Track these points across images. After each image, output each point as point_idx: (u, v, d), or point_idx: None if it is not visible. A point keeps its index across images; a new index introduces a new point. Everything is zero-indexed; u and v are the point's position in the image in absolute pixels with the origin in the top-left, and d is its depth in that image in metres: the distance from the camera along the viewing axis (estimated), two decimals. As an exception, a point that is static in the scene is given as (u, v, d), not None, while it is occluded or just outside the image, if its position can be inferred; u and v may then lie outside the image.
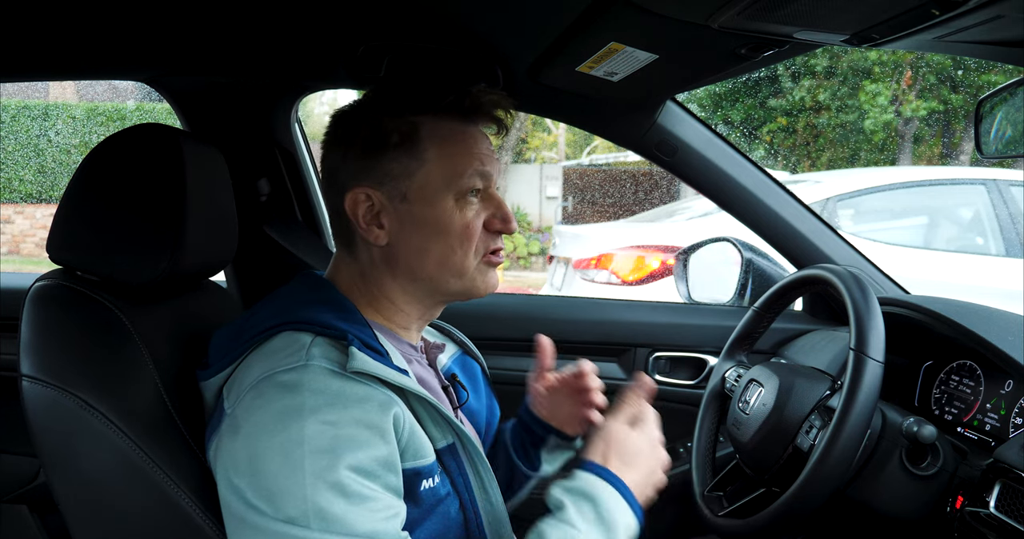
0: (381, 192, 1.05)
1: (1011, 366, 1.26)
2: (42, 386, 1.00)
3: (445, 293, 1.09)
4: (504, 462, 1.33)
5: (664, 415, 1.90)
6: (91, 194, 1.11)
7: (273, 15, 1.39)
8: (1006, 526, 1.10)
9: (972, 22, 1.03)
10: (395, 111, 1.05)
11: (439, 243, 1.05)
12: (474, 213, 1.06)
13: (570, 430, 1.31)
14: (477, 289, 1.09)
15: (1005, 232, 4.46)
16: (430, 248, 1.05)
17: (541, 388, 1.31)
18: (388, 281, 1.08)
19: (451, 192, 1.05)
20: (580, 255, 4.55)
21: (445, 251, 1.05)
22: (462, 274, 1.07)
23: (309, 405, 0.91)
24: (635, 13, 1.16)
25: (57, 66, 1.69)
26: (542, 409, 1.32)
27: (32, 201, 10.41)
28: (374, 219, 1.05)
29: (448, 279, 1.07)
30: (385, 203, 1.05)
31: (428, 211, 1.04)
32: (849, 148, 11.98)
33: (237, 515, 0.92)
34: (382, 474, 0.93)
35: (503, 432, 1.36)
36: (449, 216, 1.04)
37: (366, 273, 1.09)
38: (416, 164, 1.04)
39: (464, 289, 1.08)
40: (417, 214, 1.04)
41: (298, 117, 1.99)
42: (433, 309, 1.13)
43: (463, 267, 1.06)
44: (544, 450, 1.33)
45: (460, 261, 1.06)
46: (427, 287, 1.08)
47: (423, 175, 1.04)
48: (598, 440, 1.07)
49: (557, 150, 17.24)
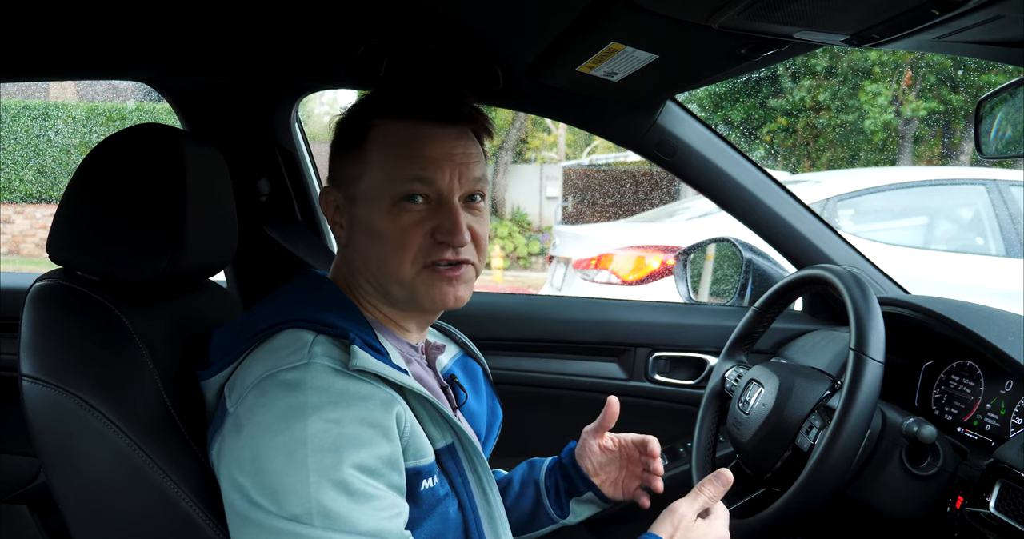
0: (340, 193, 1.08)
1: (1011, 366, 1.26)
2: (42, 386, 1.00)
3: (396, 299, 1.07)
4: (532, 499, 1.32)
5: (664, 415, 1.92)
6: (91, 194, 1.11)
7: (273, 15, 1.39)
8: (1006, 526, 1.10)
9: (972, 22, 1.03)
10: (353, 113, 1.08)
11: (375, 248, 1.04)
12: (414, 220, 1.02)
13: (610, 492, 1.30)
14: (421, 300, 1.05)
15: (1005, 232, 4.46)
16: (370, 252, 1.05)
17: (595, 445, 1.29)
18: (361, 282, 1.09)
19: (387, 196, 1.02)
20: (580, 255, 4.55)
21: (381, 257, 1.03)
22: (401, 282, 1.04)
23: (312, 403, 0.91)
24: (635, 13, 1.16)
25: (57, 66, 1.69)
26: (589, 464, 1.30)
27: (32, 201, 10.41)
28: (338, 219, 1.09)
29: (390, 286, 1.05)
30: (342, 203, 1.08)
31: (367, 214, 1.04)
32: (849, 148, 11.98)
33: (241, 513, 0.92)
34: (386, 472, 0.93)
35: (536, 468, 1.34)
36: (383, 220, 1.02)
37: (347, 273, 1.10)
38: (361, 167, 1.05)
39: (407, 297, 1.05)
40: (359, 217, 1.05)
41: (298, 117, 1.99)
42: (410, 312, 1.10)
43: (400, 274, 1.03)
44: (574, 501, 1.32)
45: (396, 268, 1.03)
46: (381, 291, 1.07)
47: (367, 178, 1.04)
48: (667, 519, 1.06)
49: (557, 150, 17.24)
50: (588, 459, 1.30)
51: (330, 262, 1.15)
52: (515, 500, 1.32)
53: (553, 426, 1.68)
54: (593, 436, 1.30)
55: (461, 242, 1.02)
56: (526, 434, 1.65)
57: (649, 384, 1.94)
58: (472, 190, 1.06)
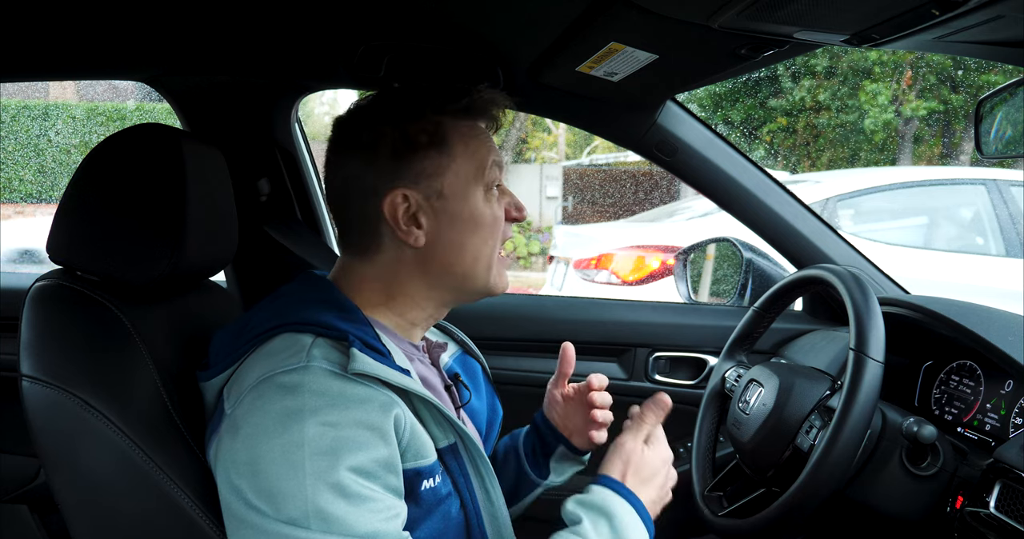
0: (417, 191, 1.05)
1: (1011, 366, 1.26)
2: (42, 386, 1.00)
3: (470, 290, 1.10)
4: (514, 467, 1.33)
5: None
6: (91, 194, 1.10)
7: (273, 15, 1.39)
8: (1006, 526, 1.10)
9: (972, 22, 1.03)
10: (418, 113, 1.07)
11: (475, 236, 1.07)
12: (498, 204, 1.10)
13: (578, 442, 1.31)
14: (499, 285, 1.12)
15: (1005, 232, 4.46)
16: (466, 243, 1.07)
17: (558, 395, 1.31)
18: (416, 280, 1.08)
19: (480, 185, 1.08)
20: (580, 255, 4.55)
21: (479, 244, 1.07)
22: (490, 267, 1.09)
23: (310, 406, 0.91)
24: (635, 13, 1.16)
25: (57, 66, 1.69)
26: (556, 416, 1.32)
27: (32, 201, 10.40)
28: (412, 220, 1.05)
29: (479, 273, 1.09)
30: (422, 202, 1.05)
31: (463, 205, 1.06)
32: (849, 148, 11.97)
33: (237, 516, 0.92)
34: (382, 475, 0.93)
35: (516, 437, 1.36)
36: (482, 209, 1.07)
37: (387, 275, 1.08)
38: (447, 160, 1.06)
39: (487, 284, 1.10)
40: (452, 210, 1.06)
41: (298, 117, 1.99)
42: (445, 308, 1.14)
43: (491, 259, 1.09)
44: (553, 459, 1.33)
45: (490, 253, 1.09)
46: (455, 284, 1.09)
47: (454, 171, 1.06)
48: (615, 456, 1.08)
49: (557, 150, 17.24)
50: (554, 410, 1.32)
51: (330, 262, 1.15)
52: (499, 470, 1.32)
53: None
54: (555, 386, 1.32)
55: (526, 216, 1.14)
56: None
57: (649, 384, 1.94)
58: None
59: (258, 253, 1.88)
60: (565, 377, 1.31)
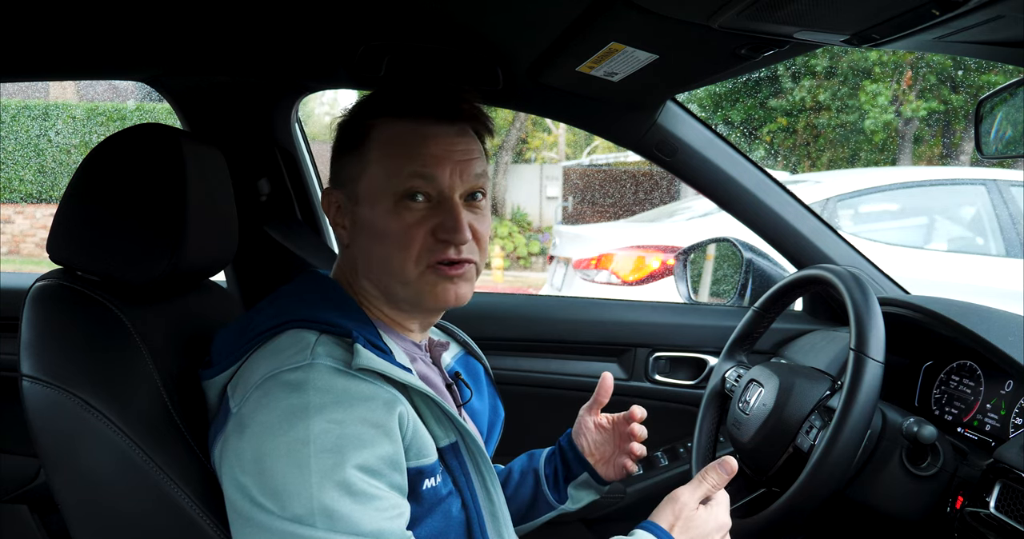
0: (343, 193, 1.08)
1: (1011, 366, 1.26)
2: (42, 386, 1.00)
3: (398, 299, 1.07)
4: (531, 488, 1.32)
5: (664, 415, 1.92)
6: (91, 194, 1.11)
7: (273, 15, 1.39)
8: (1006, 526, 1.10)
9: (972, 22, 1.03)
10: (352, 114, 1.08)
11: (379, 247, 1.03)
12: (416, 219, 1.02)
13: (603, 471, 1.30)
14: (425, 300, 1.04)
15: (1005, 232, 4.46)
16: (373, 252, 1.04)
17: (591, 422, 1.30)
18: (363, 281, 1.09)
19: (389, 194, 1.02)
20: (580, 255, 4.55)
21: (384, 256, 1.03)
22: (405, 281, 1.03)
23: (315, 404, 0.91)
24: (635, 13, 1.16)
25: (57, 66, 1.69)
26: (585, 443, 1.30)
27: (32, 201, 10.41)
28: (340, 220, 1.08)
29: (394, 285, 1.05)
30: (344, 204, 1.08)
31: (369, 213, 1.04)
32: (849, 148, 11.97)
33: (243, 514, 0.92)
34: (388, 473, 0.93)
35: (535, 457, 1.35)
36: (385, 220, 1.02)
37: (349, 273, 1.10)
38: (362, 166, 1.05)
39: (411, 297, 1.05)
40: (361, 216, 1.05)
41: (298, 117, 1.99)
42: (412, 312, 1.10)
43: (403, 274, 1.03)
44: (572, 486, 1.32)
45: (399, 267, 1.02)
46: (384, 292, 1.07)
47: (368, 177, 1.04)
48: (668, 507, 1.06)
49: (557, 150, 17.24)
50: (584, 437, 1.31)
51: (331, 262, 1.15)
52: (515, 490, 1.32)
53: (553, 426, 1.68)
54: (588, 413, 1.31)
55: (462, 240, 1.02)
56: (526, 434, 1.65)
57: (649, 384, 1.94)
58: (473, 187, 1.05)
59: (258, 253, 1.88)
60: (600, 405, 1.30)
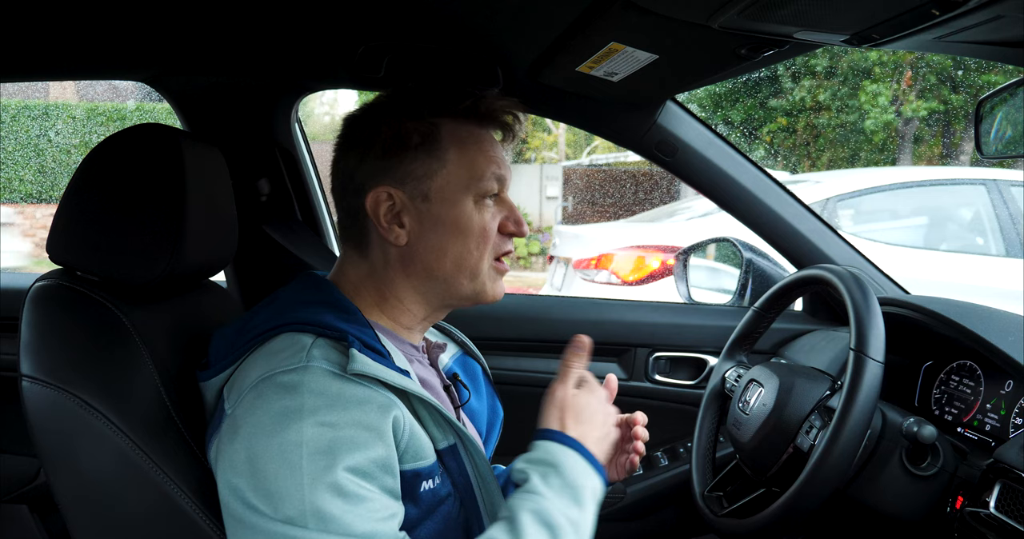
0: (403, 191, 1.06)
1: (1011, 366, 1.26)
2: (42, 386, 1.00)
3: (456, 296, 1.10)
4: None
5: (664, 415, 1.92)
6: (91, 194, 1.11)
7: (273, 15, 1.39)
8: (1006, 526, 1.10)
9: (972, 22, 1.03)
10: (415, 113, 1.07)
11: (457, 243, 1.07)
12: (491, 215, 1.09)
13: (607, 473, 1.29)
14: (486, 294, 1.10)
15: (1005, 232, 4.46)
16: (448, 248, 1.07)
17: None
18: (401, 281, 1.09)
19: (471, 194, 1.07)
20: (580, 255, 4.55)
21: (462, 251, 1.07)
22: (475, 276, 1.08)
23: (308, 406, 0.91)
24: (635, 13, 1.16)
25: (57, 66, 1.69)
26: None
27: (32, 201, 10.40)
28: (394, 218, 1.07)
29: (462, 280, 1.08)
30: (406, 202, 1.06)
31: (448, 211, 1.06)
32: (849, 148, 11.97)
33: (236, 515, 0.92)
34: (379, 476, 0.93)
35: None
36: (468, 217, 1.07)
37: (377, 273, 1.09)
38: (438, 165, 1.06)
39: (474, 292, 1.10)
40: (437, 214, 1.06)
41: (298, 117, 1.99)
42: (439, 311, 1.14)
43: (477, 269, 1.08)
44: None
45: (475, 262, 1.08)
46: (440, 288, 1.09)
47: (444, 176, 1.06)
48: (550, 407, 1.07)
49: (557, 150, 17.23)
50: None
51: (331, 262, 1.15)
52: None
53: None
54: None
55: (526, 232, 1.12)
56: (526, 434, 1.64)
57: (649, 384, 1.94)
58: None
59: (258, 253, 1.88)
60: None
